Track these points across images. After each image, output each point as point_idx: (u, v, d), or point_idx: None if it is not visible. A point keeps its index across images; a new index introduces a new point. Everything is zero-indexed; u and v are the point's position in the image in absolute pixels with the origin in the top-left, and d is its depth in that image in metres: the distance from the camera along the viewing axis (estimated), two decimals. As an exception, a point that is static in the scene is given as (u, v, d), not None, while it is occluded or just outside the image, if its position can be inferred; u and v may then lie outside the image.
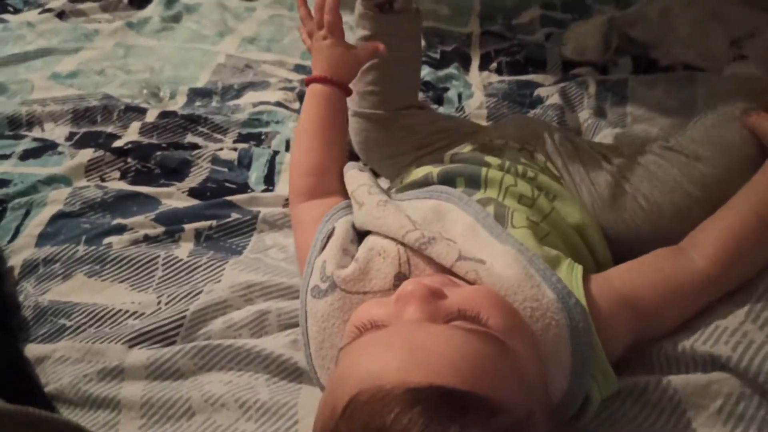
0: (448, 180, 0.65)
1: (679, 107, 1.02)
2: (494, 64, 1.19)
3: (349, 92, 0.75)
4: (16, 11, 1.42)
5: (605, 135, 0.94)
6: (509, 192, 0.63)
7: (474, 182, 0.64)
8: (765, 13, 1.20)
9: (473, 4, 1.44)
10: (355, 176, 0.65)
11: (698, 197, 0.63)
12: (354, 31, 0.83)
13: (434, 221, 0.58)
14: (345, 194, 0.65)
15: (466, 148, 0.74)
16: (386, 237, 0.55)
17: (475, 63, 1.22)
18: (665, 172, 0.66)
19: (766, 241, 0.55)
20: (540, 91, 1.07)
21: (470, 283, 0.51)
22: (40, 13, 1.39)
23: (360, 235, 0.59)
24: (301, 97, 1.11)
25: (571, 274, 0.53)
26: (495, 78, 1.15)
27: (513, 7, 1.42)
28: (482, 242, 0.54)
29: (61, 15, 1.40)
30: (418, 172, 0.69)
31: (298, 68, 1.24)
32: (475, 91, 1.11)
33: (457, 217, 0.58)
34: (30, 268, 0.72)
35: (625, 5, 1.39)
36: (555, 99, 1.02)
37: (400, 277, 0.52)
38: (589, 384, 0.49)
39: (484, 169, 0.65)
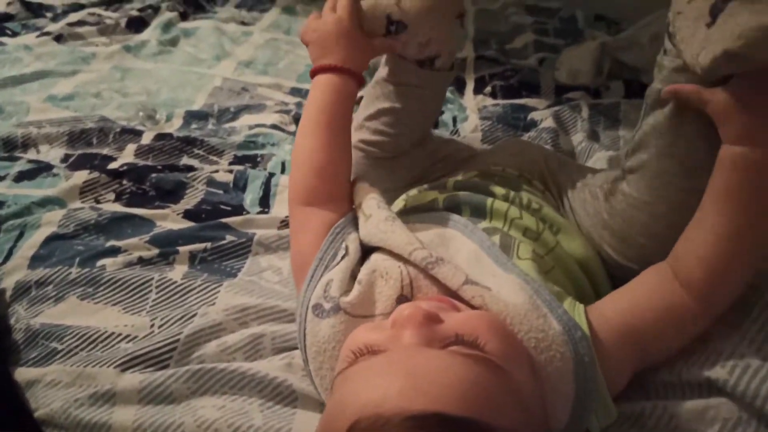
0: (453, 208, 0.64)
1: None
2: (488, 88, 1.20)
3: (361, 81, 0.68)
4: (14, 35, 1.43)
5: (599, 158, 0.95)
6: (514, 224, 0.62)
7: (479, 212, 0.64)
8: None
9: (468, 29, 1.46)
10: (364, 189, 0.64)
11: (648, 245, 0.61)
12: (379, 71, 0.79)
13: (439, 245, 0.58)
14: (349, 199, 0.64)
15: (466, 175, 0.73)
16: (390, 255, 0.55)
17: (470, 87, 1.23)
18: (614, 222, 0.64)
19: (749, 258, 0.53)
20: (534, 115, 1.09)
21: (475, 308, 0.50)
22: (37, 36, 1.40)
23: (365, 251, 0.58)
24: (296, 119, 1.12)
25: (573, 310, 0.52)
26: (489, 101, 1.17)
27: (507, 32, 1.44)
28: (487, 270, 0.54)
29: (58, 38, 1.40)
30: (423, 197, 0.68)
31: (294, 91, 1.25)
32: (469, 114, 1.12)
33: (462, 243, 0.58)
34: (22, 290, 0.71)
35: (616, 31, 1.42)
36: (549, 122, 1.03)
37: (402, 300, 0.52)
38: (590, 418, 0.48)
39: (489, 200, 0.64)
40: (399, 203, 0.71)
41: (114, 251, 0.76)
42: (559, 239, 0.63)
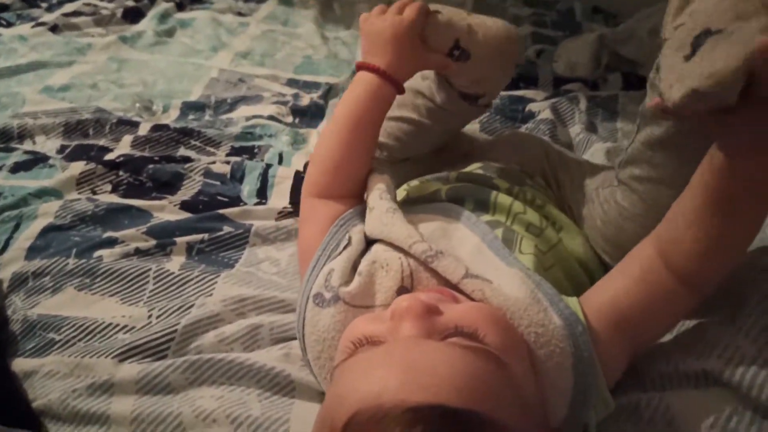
0: (456, 199, 0.64)
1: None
2: (487, 80, 1.20)
3: (401, 90, 0.65)
4: (9, 25, 1.42)
5: (596, 149, 0.95)
6: (518, 219, 0.62)
7: (482, 205, 0.64)
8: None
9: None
10: (373, 180, 0.63)
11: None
12: (419, 81, 0.76)
13: (441, 237, 0.57)
14: (361, 196, 0.64)
15: (470, 167, 0.73)
16: (391, 247, 0.55)
17: (468, 78, 1.23)
18: (608, 229, 0.64)
19: (739, 251, 0.51)
20: (532, 107, 1.09)
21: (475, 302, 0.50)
22: (33, 26, 1.39)
23: (369, 243, 0.58)
24: (294, 111, 1.11)
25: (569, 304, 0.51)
26: (487, 93, 1.16)
27: (505, 24, 1.44)
28: (489, 263, 0.54)
29: (53, 29, 1.40)
30: (426, 188, 0.68)
31: (291, 82, 1.24)
32: (467, 106, 1.12)
33: (464, 236, 0.58)
34: (19, 281, 0.71)
35: (614, 23, 1.42)
36: (547, 114, 1.03)
37: (402, 291, 0.52)
38: (589, 413, 0.48)
39: (493, 193, 0.64)
40: (400, 193, 0.70)
41: (111, 242, 0.76)
42: (561, 237, 0.63)
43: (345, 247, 0.57)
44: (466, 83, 0.69)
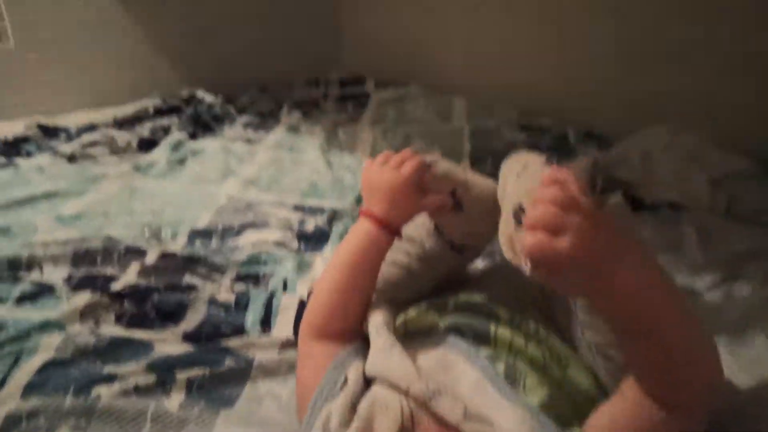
0: (455, 333, 0.64)
1: (666, 245, 1.05)
2: (486, 204, 1.23)
3: (399, 235, 0.69)
4: (29, 155, 1.48)
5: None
6: (520, 354, 0.61)
7: (483, 338, 0.63)
8: (738, 155, 1.28)
9: (464, 147, 1.53)
10: (370, 314, 0.64)
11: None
12: (412, 227, 0.77)
13: (440, 372, 0.57)
14: (358, 336, 0.64)
15: (467, 296, 0.72)
16: (390, 386, 0.54)
17: (468, 202, 1.26)
18: (610, 381, 0.61)
19: (692, 369, 0.49)
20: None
21: None
22: (51, 156, 1.46)
23: (368, 381, 0.57)
24: (299, 236, 1.14)
25: None
26: (487, 217, 1.19)
27: (501, 149, 1.50)
28: (489, 400, 0.53)
29: (71, 158, 1.46)
30: (423, 321, 0.68)
31: (297, 208, 1.28)
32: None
33: (464, 370, 0.57)
34: (12, 423, 0.68)
35: (606, 146, 1.48)
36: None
37: None
38: None
39: (493, 326, 0.64)
40: (397, 324, 0.69)
41: (110, 378, 0.74)
42: (566, 373, 0.62)
43: (342, 387, 0.56)
44: (455, 234, 0.72)
